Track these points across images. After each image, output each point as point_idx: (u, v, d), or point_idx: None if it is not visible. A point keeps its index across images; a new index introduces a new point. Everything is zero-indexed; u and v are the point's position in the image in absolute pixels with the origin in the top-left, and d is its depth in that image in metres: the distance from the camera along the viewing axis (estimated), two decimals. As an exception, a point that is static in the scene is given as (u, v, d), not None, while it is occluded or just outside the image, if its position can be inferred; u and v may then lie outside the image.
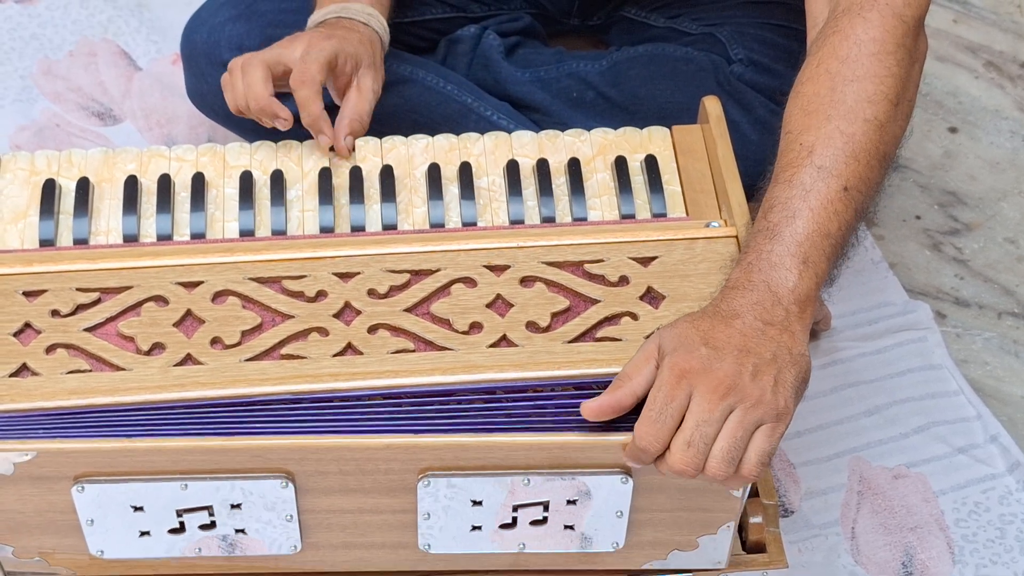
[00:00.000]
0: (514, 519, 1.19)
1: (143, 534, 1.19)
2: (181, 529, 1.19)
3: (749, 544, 1.31)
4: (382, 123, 1.57)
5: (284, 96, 1.39)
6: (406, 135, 1.41)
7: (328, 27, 1.44)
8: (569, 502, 1.18)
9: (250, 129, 1.50)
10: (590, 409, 1.14)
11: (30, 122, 1.83)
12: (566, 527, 1.20)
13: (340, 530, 1.21)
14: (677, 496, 1.19)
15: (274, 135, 1.41)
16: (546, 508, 1.18)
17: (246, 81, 1.37)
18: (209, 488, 1.16)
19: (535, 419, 1.17)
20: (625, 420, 1.14)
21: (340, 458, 1.15)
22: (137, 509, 1.17)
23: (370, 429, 1.15)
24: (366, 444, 1.14)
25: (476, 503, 1.17)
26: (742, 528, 1.32)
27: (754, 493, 1.32)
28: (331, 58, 1.38)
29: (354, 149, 1.39)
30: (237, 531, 1.19)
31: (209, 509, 1.18)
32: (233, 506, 1.17)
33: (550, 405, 1.18)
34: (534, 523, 1.19)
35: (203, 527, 1.19)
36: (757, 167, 1.34)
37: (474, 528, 1.19)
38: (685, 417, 1.09)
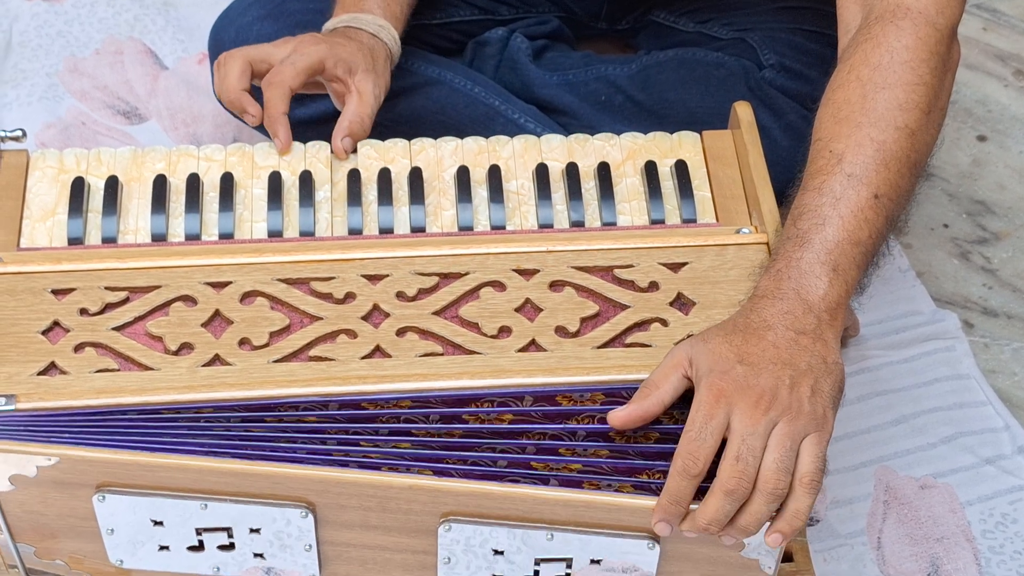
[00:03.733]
0: (536, 572, 1.17)
1: (162, 548, 1.18)
2: (200, 547, 1.18)
3: (776, 553, 1.30)
4: (409, 125, 1.56)
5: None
6: (433, 137, 1.41)
7: (331, 34, 1.44)
8: (593, 562, 1.15)
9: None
10: (618, 418, 1.13)
11: (56, 119, 1.83)
12: None
13: (359, 564, 1.19)
14: (706, 567, 1.16)
15: (302, 136, 1.41)
16: (569, 565, 1.16)
17: (223, 72, 1.39)
18: (229, 510, 1.15)
19: (565, 445, 1.15)
20: (655, 488, 1.11)
21: (361, 493, 1.13)
22: (157, 523, 1.16)
23: (395, 456, 1.13)
24: (388, 482, 1.12)
25: (498, 552, 1.15)
26: (769, 537, 1.31)
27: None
28: (314, 63, 1.38)
29: (354, 151, 1.38)
30: (255, 555, 1.18)
31: (228, 531, 1.17)
32: (252, 530, 1.16)
33: (580, 430, 1.16)
34: None
35: (222, 548, 1.18)
36: (788, 173, 1.33)
37: None
38: (728, 437, 1.08)
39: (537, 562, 1.15)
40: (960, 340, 1.65)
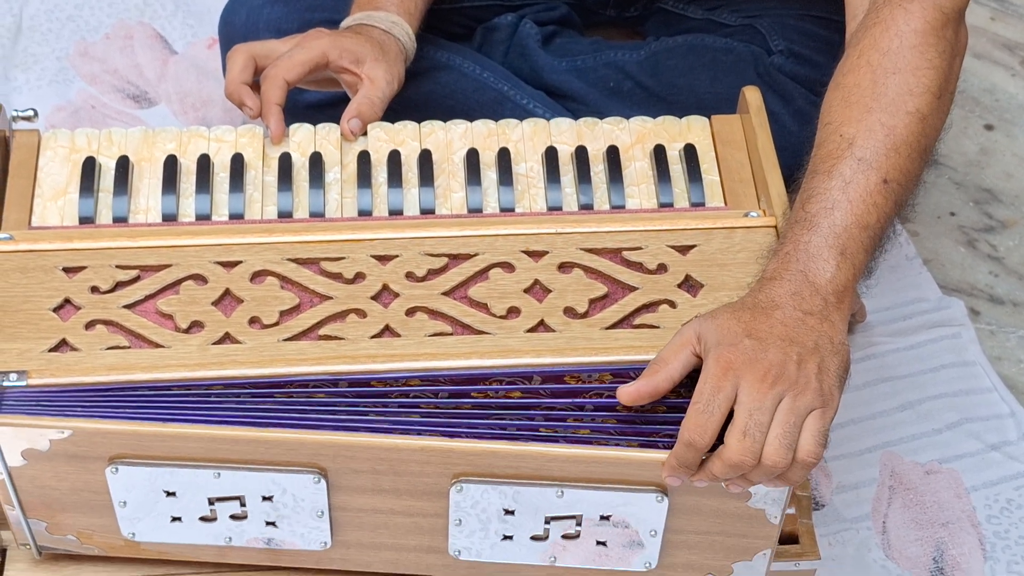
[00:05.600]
0: (546, 531, 1.18)
1: (174, 519, 1.19)
2: (212, 518, 1.19)
3: (782, 535, 1.31)
4: (418, 109, 1.57)
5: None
6: (442, 121, 1.41)
7: (340, 30, 1.45)
8: (603, 518, 1.16)
9: (287, 111, 1.50)
10: (627, 394, 1.14)
11: (66, 103, 1.84)
12: (598, 543, 1.18)
13: (371, 530, 1.20)
14: (713, 519, 1.17)
15: (312, 118, 1.41)
16: (579, 522, 1.17)
17: (228, 65, 1.40)
18: (242, 478, 1.16)
19: (574, 415, 1.16)
20: (662, 441, 1.13)
21: (373, 457, 1.14)
22: (170, 494, 1.17)
23: (405, 424, 1.14)
24: (400, 445, 1.13)
25: (508, 512, 1.16)
26: (775, 519, 1.32)
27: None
28: (315, 56, 1.39)
29: (364, 133, 1.39)
30: (267, 524, 1.19)
31: (241, 499, 1.17)
32: (265, 498, 1.17)
33: (588, 404, 1.17)
34: (566, 537, 1.18)
35: (234, 517, 1.19)
36: (796, 158, 1.34)
37: (505, 538, 1.18)
38: (735, 409, 1.09)
39: (547, 520, 1.17)
40: (966, 327, 1.66)
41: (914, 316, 1.67)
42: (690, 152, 1.37)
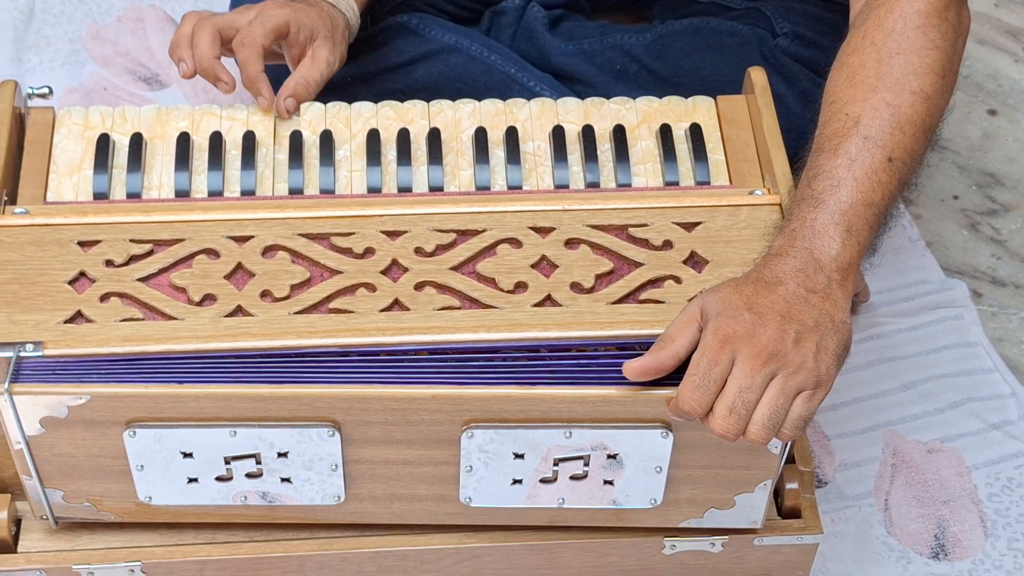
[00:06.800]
0: (555, 473, 1.21)
1: (191, 481, 1.21)
2: (228, 477, 1.21)
3: (785, 509, 1.33)
4: (426, 91, 1.58)
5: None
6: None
7: (299, 3, 1.45)
8: (609, 456, 1.19)
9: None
10: (632, 369, 1.15)
11: (78, 84, 1.85)
12: (605, 482, 1.21)
13: (383, 481, 1.23)
14: (716, 453, 1.20)
15: (322, 97, 1.43)
16: (586, 463, 1.20)
17: (195, 42, 1.40)
18: (257, 435, 1.18)
19: (578, 375, 1.18)
20: (667, 380, 1.15)
21: (386, 408, 1.17)
22: (186, 455, 1.19)
23: (417, 375, 1.17)
24: (412, 394, 1.16)
25: (518, 456, 1.19)
26: (778, 493, 1.33)
27: (790, 459, 1.33)
28: (280, 24, 1.41)
29: (296, 111, 1.40)
30: (283, 480, 1.21)
31: (256, 457, 1.20)
32: (280, 454, 1.19)
33: (593, 364, 1.19)
34: (574, 478, 1.21)
35: (250, 476, 1.21)
36: (801, 140, 1.35)
37: (515, 482, 1.21)
38: (728, 382, 1.11)
39: (556, 462, 1.19)
40: (968, 308, 1.67)
41: (917, 297, 1.68)
42: (696, 131, 1.38)
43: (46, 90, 1.38)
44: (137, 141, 1.35)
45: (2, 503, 1.27)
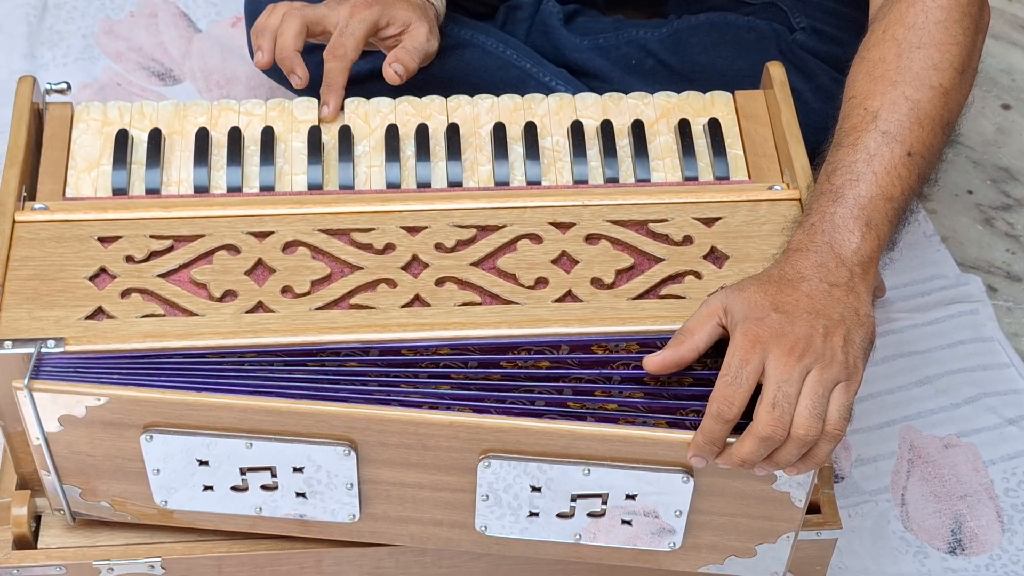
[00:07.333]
0: (572, 509, 1.19)
1: (206, 488, 1.21)
2: (244, 487, 1.20)
3: (804, 505, 1.33)
4: (442, 86, 1.58)
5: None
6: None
7: None
8: (628, 496, 1.17)
9: (312, 87, 1.51)
10: (653, 363, 1.15)
11: (92, 80, 1.85)
12: (623, 522, 1.19)
13: (399, 503, 1.21)
14: (738, 501, 1.18)
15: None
16: (604, 501, 1.18)
17: (281, 29, 1.42)
18: (273, 449, 1.17)
19: (601, 387, 1.17)
20: (690, 424, 1.14)
21: (403, 431, 1.15)
22: (202, 463, 1.18)
23: (435, 397, 1.15)
24: (429, 420, 1.14)
25: (535, 489, 1.17)
26: (797, 489, 1.33)
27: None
28: (371, 27, 1.44)
29: (404, 77, 1.44)
30: (298, 495, 1.20)
31: (272, 470, 1.19)
32: (295, 469, 1.18)
33: (616, 375, 1.19)
34: (592, 515, 1.19)
35: (265, 488, 1.20)
36: (819, 135, 1.35)
37: (531, 514, 1.19)
38: (764, 382, 1.10)
39: (573, 498, 1.18)
40: (984, 304, 1.67)
41: (932, 293, 1.68)
42: (714, 126, 1.38)
43: (64, 86, 1.38)
44: (156, 137, 1.35)
45: (22, 499, 1.27)
